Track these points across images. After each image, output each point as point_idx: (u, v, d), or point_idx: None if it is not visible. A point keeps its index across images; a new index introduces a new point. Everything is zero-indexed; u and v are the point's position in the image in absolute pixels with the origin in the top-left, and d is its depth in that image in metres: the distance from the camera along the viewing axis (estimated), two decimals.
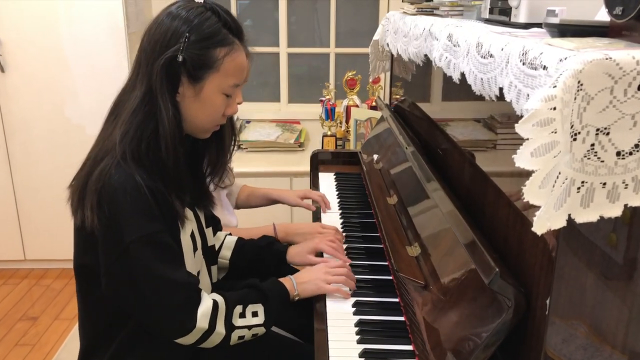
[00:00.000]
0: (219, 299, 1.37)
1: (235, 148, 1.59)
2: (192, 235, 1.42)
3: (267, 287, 1.45)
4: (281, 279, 1.49)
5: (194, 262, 1.41)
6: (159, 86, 1.29)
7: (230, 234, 1.75)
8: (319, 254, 1.69)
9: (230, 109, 1.41)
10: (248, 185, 2.27)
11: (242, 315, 1.38)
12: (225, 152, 1.54)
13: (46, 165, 3.31)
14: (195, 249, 1.43)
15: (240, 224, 2.12)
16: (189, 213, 1.42)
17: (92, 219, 1.26)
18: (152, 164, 1.29)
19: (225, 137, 1.51)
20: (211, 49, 1.31)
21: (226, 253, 1.69)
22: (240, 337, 1.38)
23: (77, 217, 1.32)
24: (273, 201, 2.23)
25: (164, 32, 1.30)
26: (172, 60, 1.29)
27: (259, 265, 1.70)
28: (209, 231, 1.57)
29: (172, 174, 1.31)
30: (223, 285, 1.65)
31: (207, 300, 1.34)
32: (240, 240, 1.73)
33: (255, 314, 1.40)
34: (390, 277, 1.60)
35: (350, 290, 1.52)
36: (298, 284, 1.49)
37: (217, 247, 1.69)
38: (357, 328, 1.38)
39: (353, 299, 1.49)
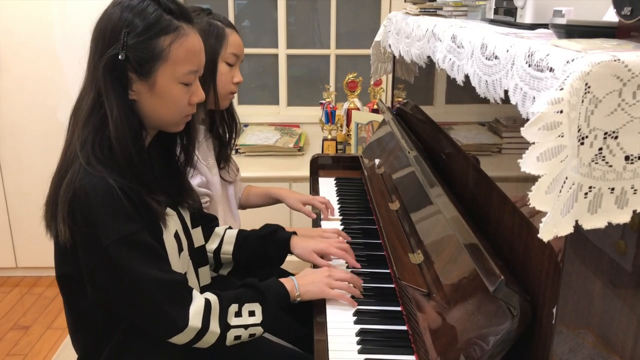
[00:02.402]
0: (212, 297, 1.36)
1: (236, 135, 1.52)
2: (177, 236, 1.41)
3: (266, 286, 1.44)
4: (282, 279, 1.48)
5: (179, 263, 1.40)
6: (103, 88, 1.27)
7: (230, 227, 1.74)
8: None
9: (194, 96, 1.37)
10: (252, 186, 2.28)
11: (238, 314, 1.37)
12: (194, 134, 1.50)
13: (38, 170, 3.31)
14: (180, 249, 1.41)
15: (242, 225, 2.12)
16: (172, 213, 1.41)
17: (64, 232, 1.26)
18: (118, 166, 1.28)
19: (192, 121, 1.47)
20: (154, 39, 1.27)
21: (228, 248, 1.68)
22: (237, 337, 1.37)
23: (51, 231, 1.33)
24: (274, 200, 2.23)
25: (103, 30, 1.28)
26: (114, 59, 1.26)
27: (263, 256, 1.68)
28: (195, 231, 1.55)
29: (134, 175, 1.29)
30: (227, 281, 1.65)
31: (199, 299, 1.33)
32: (241, 233, 1.71)
33: (252, 314, 1.38)
34: (392, 285, 1.59)
35: (355, 297, 1.51)
36: (300, 285, 1.48)
37: (217, 244, 1.68)
38: (358, 337, 1.38)
39: (354, 308, 1.49)
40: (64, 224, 1.25)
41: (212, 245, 1.69)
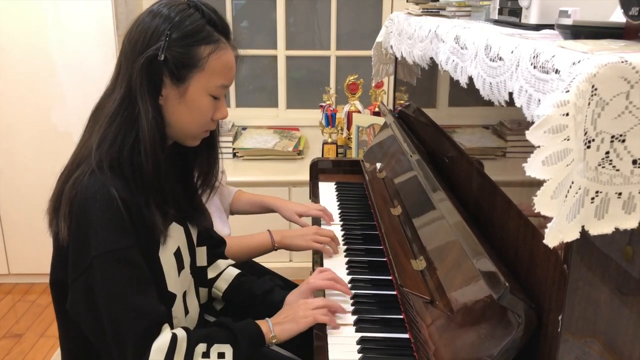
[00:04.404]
0: (180, 333, 1.31)
1: (220, 148, 1.55)
2: (178, 253, 1.40)
3: (239, 327, 1.39)
4: (258, 321, 1.43)
5: (178, 281, 1.39)
6: (138, 87, 1.28)
7: (233, 265, 1.71)
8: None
9: (219, 112, 1.39)
10: (243, 191, 2.27)
11: (206, 355, 1.32)
12: (217, 160, 1.52)
13: (32, 174, 3.31)
14: (181, 267, 1.40)
15: (234, 233, 2.11)
16: (177, 228, 1.40)
17: (64, 230, 1.25)
18: (133, 173, 1.28)
19: (216, 144, 1.50)
20: (195, 46, 1.30)
21: (222, 285, 1.65)
22: None
23: (52, 228, 1.32)
24: (268, 209, 2.22)
25: (144, 31, 1.30)
26: (153, 59, 1.28)
27: (250, 313, 1.58)
28: (200, 250, 1.54)
29: (153, 183, 1.29)
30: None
31: (165, 334, 1.28)
32: (239, 277, 1.67)
33: (221, 355, 1.33)
34: (394, 292, 1.59)
35: (355, 304, 1.51)
36: (274, 325, 1.43)
37: (214, 275, 1.66)
38: (359, 346, 1.37)
39: (355, 315, 1.49)
40: (64, 222, 1.25)
41: (209, 275, 1.66)
